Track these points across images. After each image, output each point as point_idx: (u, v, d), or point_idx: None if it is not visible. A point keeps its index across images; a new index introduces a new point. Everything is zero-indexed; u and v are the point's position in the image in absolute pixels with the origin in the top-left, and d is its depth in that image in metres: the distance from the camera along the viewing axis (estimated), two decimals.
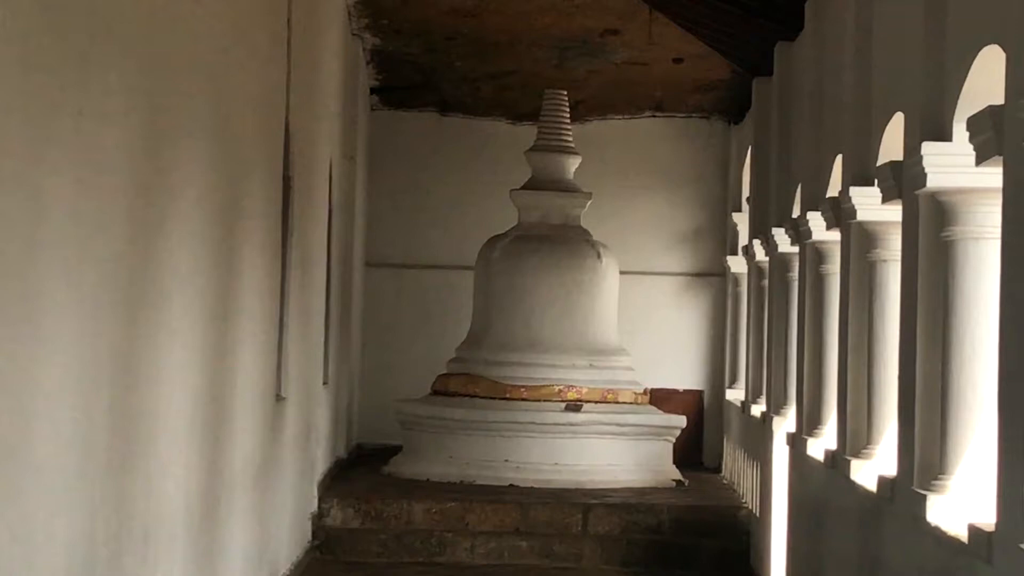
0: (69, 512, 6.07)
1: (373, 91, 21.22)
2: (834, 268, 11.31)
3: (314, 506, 15.76)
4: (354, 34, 19.09)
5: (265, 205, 11.69)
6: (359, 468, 18.82)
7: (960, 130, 7.17)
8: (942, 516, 7.04)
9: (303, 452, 14.84)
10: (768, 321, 14.97)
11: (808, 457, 11.34)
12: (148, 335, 7.48)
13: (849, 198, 9.37)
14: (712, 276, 21.70)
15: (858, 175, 9.56)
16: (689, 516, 16.18)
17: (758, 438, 15.32)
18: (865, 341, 9.51)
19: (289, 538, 13.99)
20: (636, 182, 21.44)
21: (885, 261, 9.29)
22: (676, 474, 18.14)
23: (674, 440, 18.41)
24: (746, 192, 19.60)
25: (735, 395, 19.42)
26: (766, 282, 16.13)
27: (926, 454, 7.46)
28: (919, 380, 7.60)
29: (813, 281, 11.70)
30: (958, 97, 7.21)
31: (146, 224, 7.45)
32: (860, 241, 9.62)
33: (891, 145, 9.03)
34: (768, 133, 15.98)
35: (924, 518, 7.14)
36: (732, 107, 20.80)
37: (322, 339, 16.55)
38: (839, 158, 10.82)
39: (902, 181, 8.02)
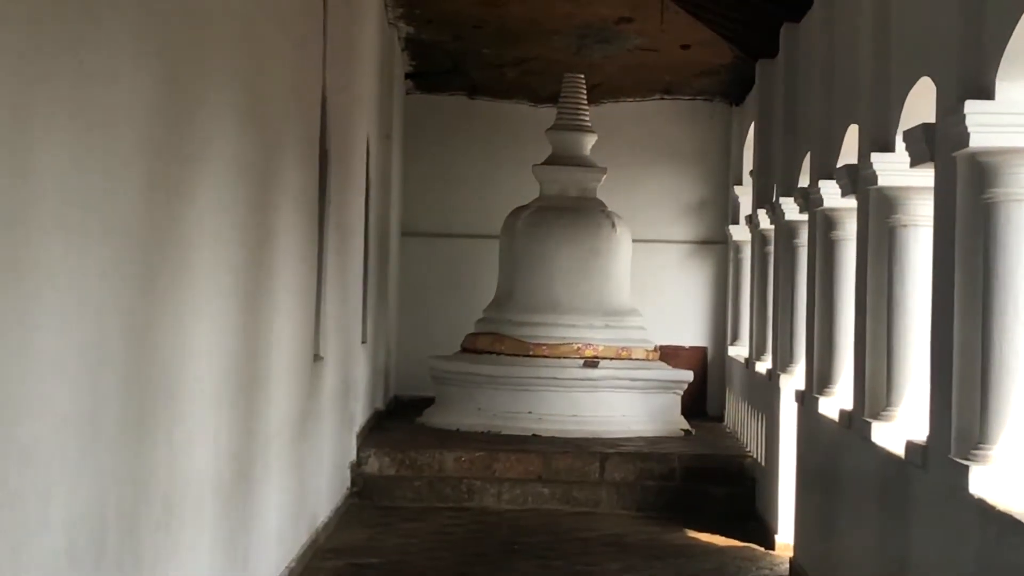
0: (69, 492, 4.85)
1: (407, 76, 19.97)
2: (844, 234, 10.04)
3: (353, 455, 14.60)
4: (390, 23, 17.85)
5: (302, 176, 10.45)
6: (395, 418, 17.69)
7: (1004, 88, 5.90)
8: (986, 488, 5.79)
9: (342, 406, 13.67)
10: (774, 285, 13.70)
11: (820, 415, 10.09)
12: (168, 302, 6.24)
13: (870, 164, 8.08)
14: (715, 244, 20.50)
15: (878, 142, 8.26)
16: (698, 464, 14.99)
17: (763, 393, 14.08)
18: (884, 305, 8.24)
19: (329, 487, 12.82)
20: (646, 158, 20.27)
21: (905, 226, 8.01)
22: (684, 424, 17.04)
23: (682, 393, 17.30)
24: (746, 167, 18.52)
25: (737, 351, 18.32)
26: (769, 248, 14.96)
27: (964, 422, 6.19)
28: (956, 346, 6.31)
29: (823, 247, 10.41)
30: (1001, 57, 5.92)
31: (166, 188, 6.21)
32: (879, 207, 8.33)
33: (915, 111, 7.74)
34: (772, 110, 14.72)
35: (966, 488, 5.88)
36: (733, 90, 19.54)
37: (360, 302, 15.37)
38: (852, 128, 9.53)
39: (935, 144, 6.74)
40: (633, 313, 17.70)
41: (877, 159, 7.99)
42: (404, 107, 19.93)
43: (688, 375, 17.32)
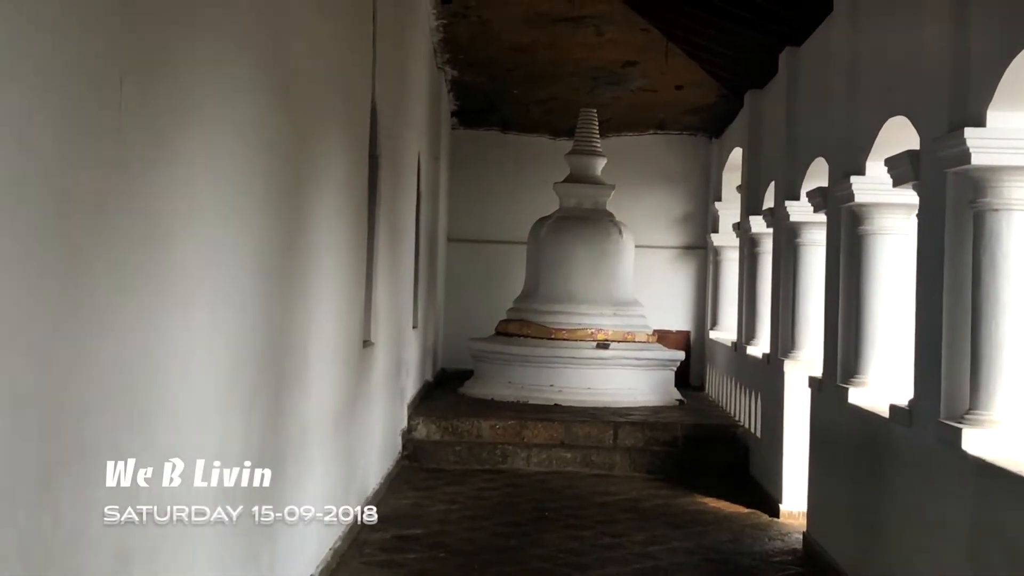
0: None
1: (452, 114, 16.87)
2: (874, 228, 6.94)
3: (404, 423, 11.57)
4: (438, 67, 14.79)
5: (348, 174, 7.38)
6: (442, 388, 14.69)
7: None
8: None
9: (394, 383, 10.64)
10: (774, 280, 10.57)
11: (851, 406, 6.98)
12: (143, 294, 3.17)
13: (962, 141, 4.98)
14: (697, 248, 17.39)
15: (957, 121, 5.16)
16: (697, 433, 11.91)
17: (759, 374, 10.99)
18: (966, 298, 5.14)
19: (381, 455, 9.80)
20: (644, 180, 17.14)
21: (996, 211, 4.92)
22: (678, 395, 13.99)
23: (676, 369, 14.24)
24: (725, 187, 15.56)
25: (718, 335, 15.33)
26: (758, 249, 11.90)
27: None
28: None
29: (848, 243, 7.28)
30: None
31: (153, 160, 3.15)
32: (958, 192, 5.24)
33: (1007, 87, 4.64)
34: (762, 133, 11.65)
35: None
36: (713, 125, 16.44)
37: (412, 294, 12.34)
38: (893, 120, 6.43)
39: None
40: (635, 304, 14.69)
41: (971, 133, 4.88)
42: (450, 139, 16.91)
43: (680, 354, 14.32)
